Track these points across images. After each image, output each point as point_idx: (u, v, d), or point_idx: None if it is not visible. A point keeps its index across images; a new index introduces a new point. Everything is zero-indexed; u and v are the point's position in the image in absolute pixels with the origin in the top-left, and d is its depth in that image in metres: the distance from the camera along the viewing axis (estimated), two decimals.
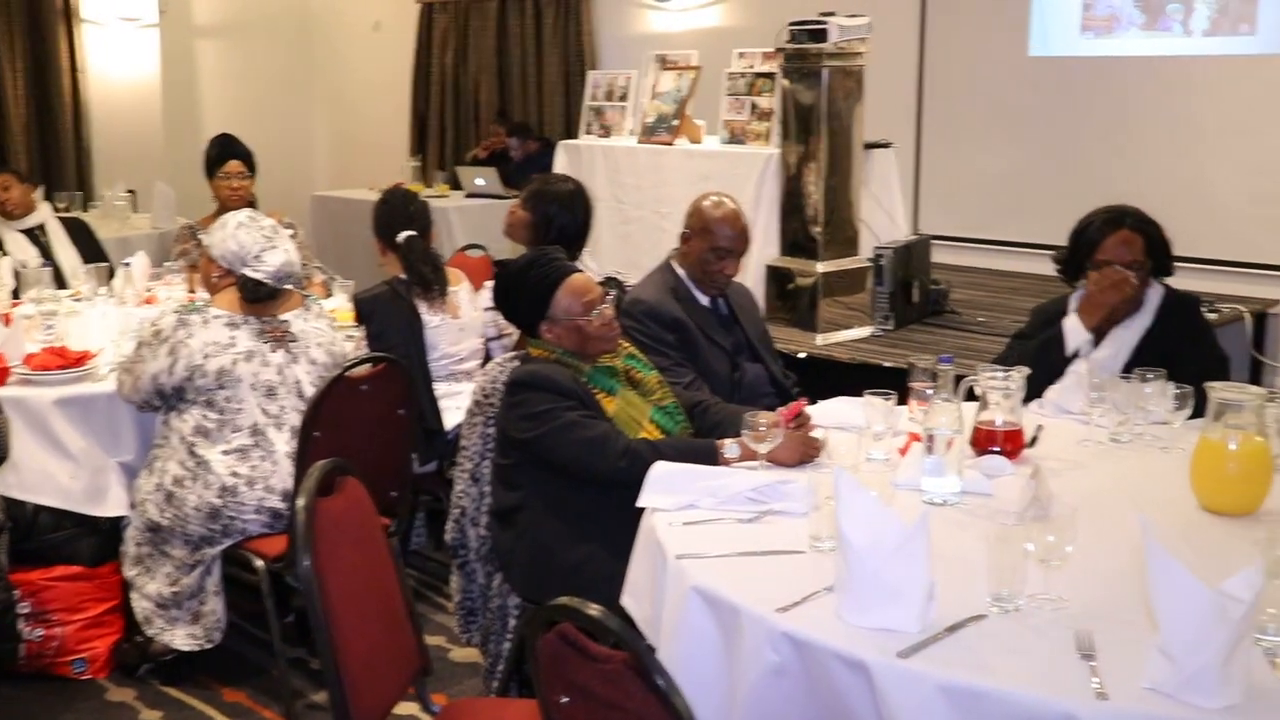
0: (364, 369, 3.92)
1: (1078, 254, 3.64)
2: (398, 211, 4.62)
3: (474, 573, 3.52)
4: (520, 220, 4.49)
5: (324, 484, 2.54)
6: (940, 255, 7.35)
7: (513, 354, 3.56)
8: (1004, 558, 2.19)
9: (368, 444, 3.86)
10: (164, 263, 5.56)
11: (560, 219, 4.43)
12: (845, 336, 5.93)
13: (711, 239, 3.87)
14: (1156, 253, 3.57)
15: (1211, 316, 6.28)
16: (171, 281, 5.20)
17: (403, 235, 4.52)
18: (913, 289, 6.12)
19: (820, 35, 5.58)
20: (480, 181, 9.30)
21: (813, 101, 5.72)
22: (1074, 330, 3.56)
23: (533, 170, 8.97)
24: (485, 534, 3.45)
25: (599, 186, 7.06)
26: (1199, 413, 2.93)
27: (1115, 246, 3.56)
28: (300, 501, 2.45)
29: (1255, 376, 6.76)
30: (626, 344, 3.43)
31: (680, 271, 3.95)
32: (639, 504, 2.79)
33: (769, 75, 6.28)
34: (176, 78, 10.92)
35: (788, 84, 5.82)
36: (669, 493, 2.78)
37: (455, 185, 9.75)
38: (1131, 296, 3.54)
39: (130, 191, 8.47)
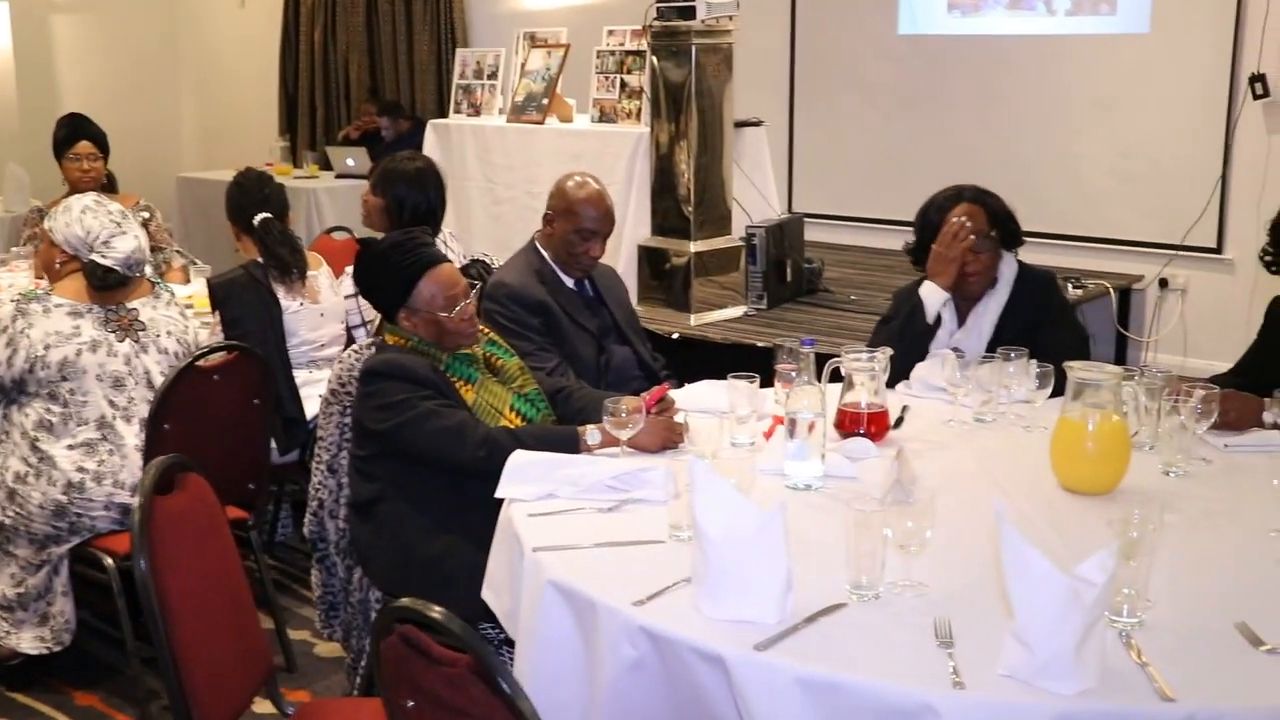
0: (216, 358, 3.77)
1: (924, 238, 3.65)
2: (252, 193, 4.47)
3: (334, 566, 3.42)
4: (374, 206, 4.38)
5: (162, 481, 2.42)
6: (814, 233, 7.38)
7: (369, 341, 3.45)
8: (862, 544, 2.15)
9: (221, 435, 3.73)
10: (11, 248, 5.33)
11: (411, 199, 4.33)
12: (718, 316, 5.90)
13: (576, 220, 3.79)
14: (1000, 222, 3.58)
15: (1078, 292, 6.39)
16: (17, 268, 4.98)
17: (258, 217, 4.37)
18: (786, 268, 6.11)
19: (688, 12, 5.53)
20: (351, 162, 9.12)
21: (682, 79, 5.67)
22: (931, 294, 3.56)
23: (406, 150, 8.85)
24: (344, 527, 3.34)
25: (470, 167, 6.96)
26: (1061, 391, 2.93)
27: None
28: (136, 500, 2.33)
29: (1121, 351, 6.90)
30: (487, 330, 3.34)
31: (545, 253, 3.86)
32: (497, 494, 2.71)
33: (639, 53, 6.21)
34: (30, 55, 10.51)
35: (657, 62, 5.76)
36: (527, 482, 2.70)
37: (326, 166, 9.55)
38: (987, 266, 3.53)
39: None
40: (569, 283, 3.86)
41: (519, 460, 2.76)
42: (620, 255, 6.15)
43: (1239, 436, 2.98)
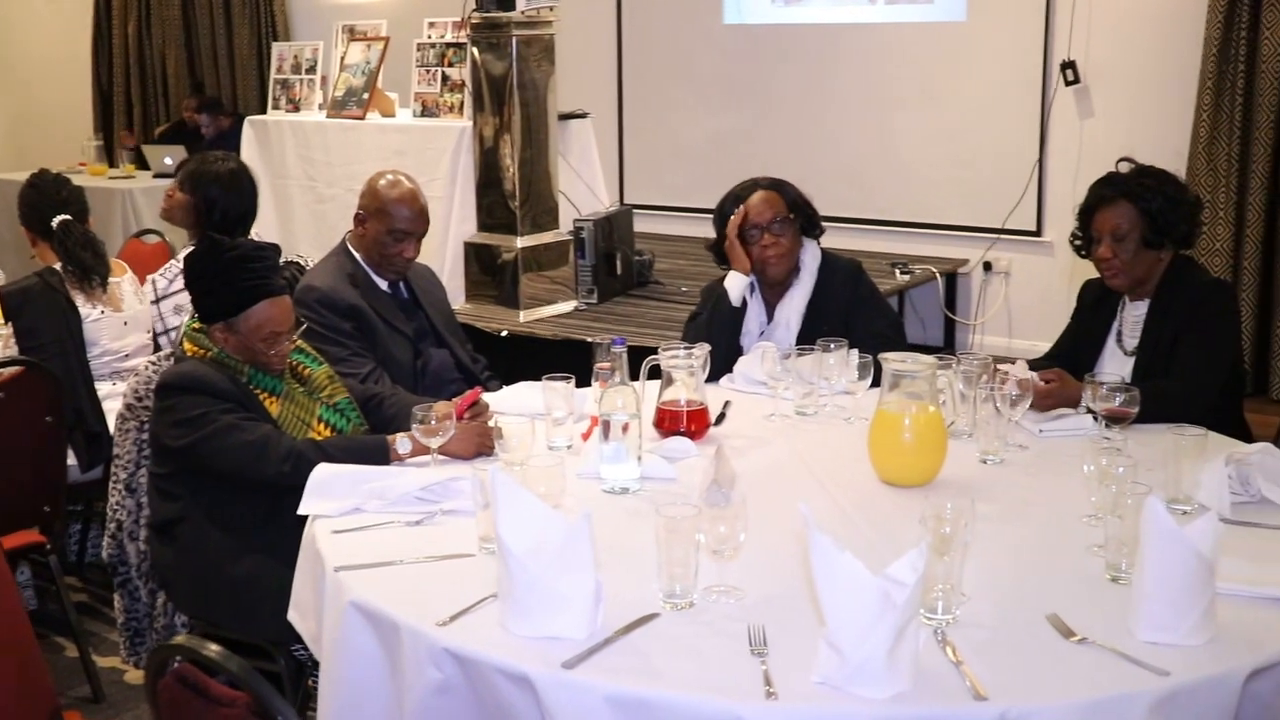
0: (2, 374, 3.54)
1: (722, 231, 3.63)
2: (48, 196, 4.23)
3: (136, 591, 3.24)
4: (179, 203, 4.19)
5: None
6: (646, 225, 7.33)
7: (167, 352, 3.27)
8: (674, 551, 2.08)
9: (10, 456, 3.50)
10: None
11: (223, 201, 4.15)
12: (548, 312, 5.82)
13: (388, 221, 3.65)
14: (798, 209, 3.57)
15: (905, 278, 6.46)
16: None
17: (57, 220, 4.14)
18: (616, 261, 6.05)
19: (508, 4, 5.43)
20: (169, 161, 8.76)
21: (503, 72, 5.57)
22: (733, 281, 3.54)
23: (227, 148, 8.55)
24: (145, 549, 3.16)
25: (290, 164, 6.74)
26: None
27: (758, 207, 3.55)
28: None
29: (950, 334, 7.01)
30: (294, 339, 3.19)
31: (357, 255, 3.72)
32: (300, 511, 2.58)
33: (460, 45, 6.08)
34: None
35: (478, 54, 5.64)
36: (331, 497, 2.58)
37: (143, 165, 9.18)
38: (786, 250, 3.52)
39: None
40: (383, 285, 3.72)
41: (322, 474, 2.64)
42: (446, 252, 6.02)
43: (1053, 421, 3.00)
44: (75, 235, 4.15)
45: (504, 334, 5.58)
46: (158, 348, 4.24)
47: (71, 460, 3.91)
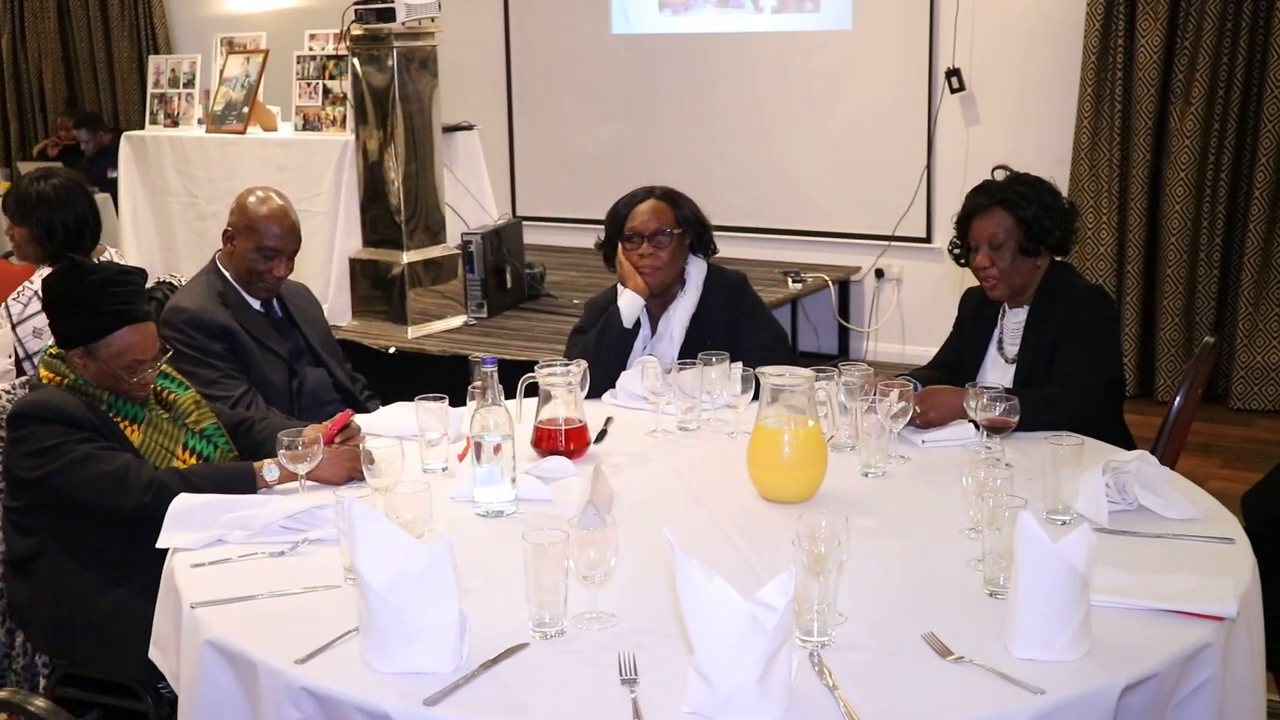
0: None
1: (611, 233, 3.59)
2: None
3: None
4: (20, 237, 4.02)
5: None
6: (538, 236, 7.27)
7: (22, 380, 3.13)
8: (543, 578, 2.01)
9: None
10: None
11: (60, 218, 4.01)
12: (438, 327, 5.73)
13: (258, 238, 3.54)
14: (688, 224, 3.52)
15: (798, 286, 6.46)
16: None
17: None
18: (505, 274, 5.98)
19: (388, 15, 5.34)
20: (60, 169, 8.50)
21: (385, 84, 5.47)
22: (628, 301, 3.48)
23: (108, 165, 8.30)
24: (1, 586, 3.02)
25: (169, 180, 6.57)
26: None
27: (644, 215, 3.50)
28: None
29: (844, 342, 7.03)
30: (159, 364, 3.06)
31: (226, 273, 3.60)
32: (159, 544, 2.47)
33: (341, 57, 5.96)
34: None
35: (359, 66, 5.54)
36: (191, 529, 2.47)
37: None
38: (666, 262, 3.47)
39: None
40: (255, 304, 3.60)
41: (182, 505, 2.53)
42: (332, 268, 5.90)
43: (936, 431, 2.98)
44: None
45: (392, 350, 5.48)
46: (22, 373, 4.08)
47: None
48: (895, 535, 2.45)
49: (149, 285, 3.99)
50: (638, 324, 3.49)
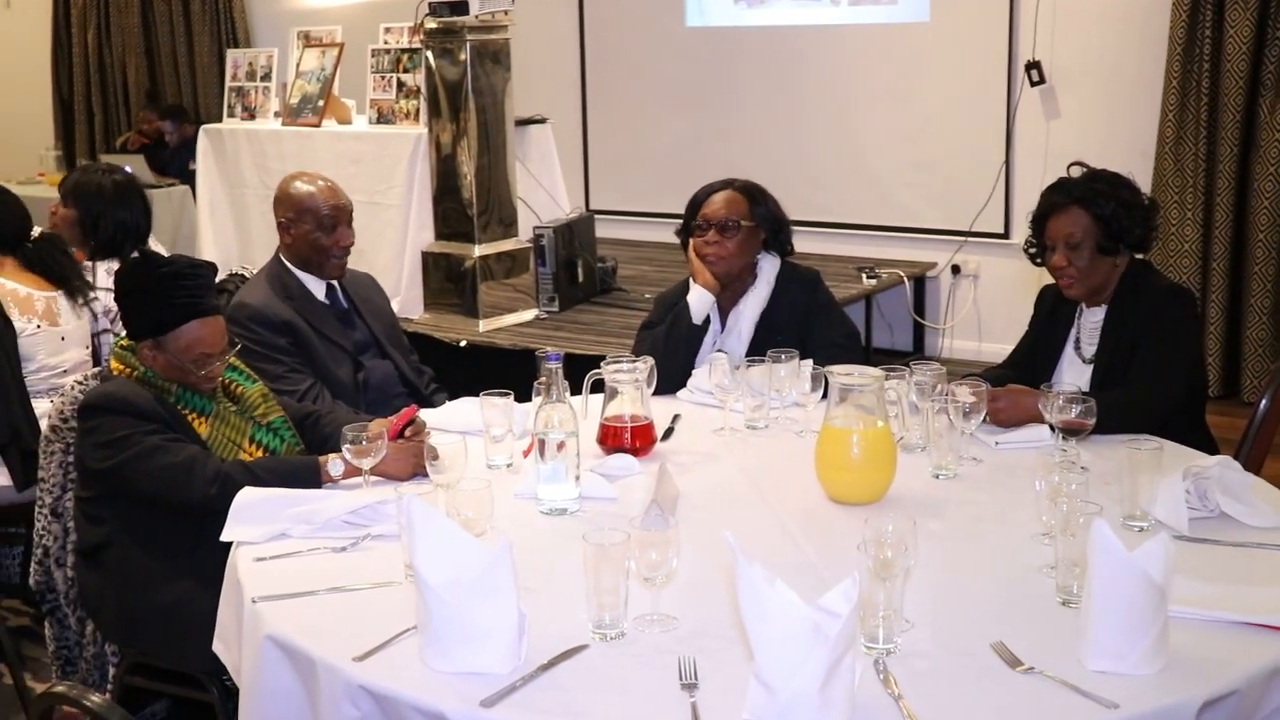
0: None
1: (687, 220, 3.55)
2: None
3: (65, 618, 3.12)
4: (65, 219, 4.09)
5: None
6: (610, 230, 7.24)
7: (94, 371, 3.16)
8: (603, 579, 1.98)
9: None
10: None
11: (117, 215, 4.10)
12: (509, 321, 5.72)
13: (313, 215, 3.54)
14: (766, 223, 3.47)
15: (872, 282, 6.38)
16: None
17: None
18: (577, 268, 5.96)
19: (461, 8, 5.33)
20: (128, 170, 8.62)
21: (458, 77, 5.47)
22: (698, 297, 3.44)
23: (190, 157, 8.40)
24: (73, 575, 3.05)
25: (246, 173, 6.63)
26: None
27: (717, 204, 3.46)
28: None
29: (919, 338, 6.93)
30: (228, 358, 3.07)
31: (289, 264, 3.60)
32: (223, 537, 2.47)
33: (415, 51, 5.97)
34: None
35: (432, 60, 5.54)
36: (255, 523, 2.47)
37: None
38: (732, 253, 3.42)
39: None
40: (319, 295, 3.60)
41: (247, 498, 2.53)
42: (404, 261, 5.92)
43: (1010, 433, 2.91)
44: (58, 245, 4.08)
45: (463, 344, 5.49)
46: (98, 362, 4.13)
47: (6, 480, 3.80)
48: (965, 539, 2.40)
49: (221, 278, 4.03)
50: (707, 320, 3.44)
